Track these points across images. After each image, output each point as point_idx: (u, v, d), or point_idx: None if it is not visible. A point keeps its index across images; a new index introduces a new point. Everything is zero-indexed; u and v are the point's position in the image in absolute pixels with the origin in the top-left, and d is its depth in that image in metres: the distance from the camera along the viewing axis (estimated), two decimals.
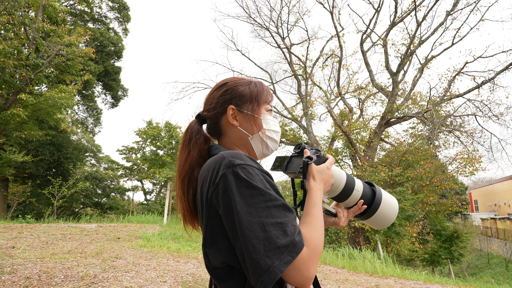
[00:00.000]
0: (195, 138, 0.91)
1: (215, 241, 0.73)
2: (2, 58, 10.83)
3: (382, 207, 1.04)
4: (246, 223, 0.66)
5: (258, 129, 0.92)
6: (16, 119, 11.93)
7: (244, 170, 0.71)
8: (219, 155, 0.76)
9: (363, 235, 12.02)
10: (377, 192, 1.04)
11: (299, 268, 0.66)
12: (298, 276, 0.66)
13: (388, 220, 1.06)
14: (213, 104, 0.93)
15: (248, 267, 0.65)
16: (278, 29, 15.76)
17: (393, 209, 1.07)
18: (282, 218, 0.67)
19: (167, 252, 5.86)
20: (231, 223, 0.68)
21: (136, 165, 22.55)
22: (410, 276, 6.99)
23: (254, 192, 0.68)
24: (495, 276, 16.31)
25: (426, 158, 12.62)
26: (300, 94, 15.48)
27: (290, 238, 0.65)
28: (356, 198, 1.01)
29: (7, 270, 3.75)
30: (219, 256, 0.72)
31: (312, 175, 0.88)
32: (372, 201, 1.03)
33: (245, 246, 0.65)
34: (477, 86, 13.51)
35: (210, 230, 0.73)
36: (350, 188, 1.00)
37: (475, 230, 19.78)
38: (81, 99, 20.52)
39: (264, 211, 0.67)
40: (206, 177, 0.75)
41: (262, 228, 0.65)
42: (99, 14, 20.49)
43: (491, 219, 26.46)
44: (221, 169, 0.71)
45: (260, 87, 0.96)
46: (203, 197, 0.75)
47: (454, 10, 13.43)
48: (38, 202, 18.35)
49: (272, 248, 0.64)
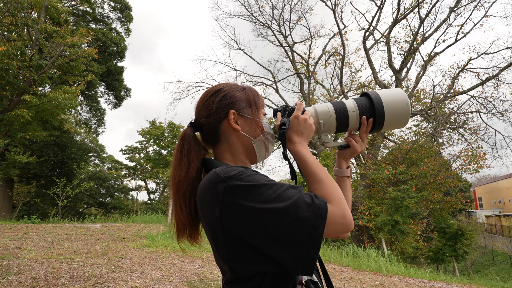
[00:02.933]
0: (195, 148, 0.88)
1: (239, 254, 0.72)
2: (6, 59, 10.89)
3: (387, 108, 0.96)
4: (270, 218, 0.67)
5: (260, 133, 0.93)
6: (20, 120, 12.00)
7: (241, 177, 0.72)
8: (211, 174, 0.75)
9: (367, 233, 12.00)
10: (374, 98, 0.96)
11: (336, 222, 0.70)
12: (338, 228, 0.70)
13: (404, 113, 0.97)
14: (213, 109, 0.90)
15: (290, 254, 0.67)
16: (280, 27, 15.75)
17: (401, 100, 0.97)
18: (296, 195, 0.69)
19: (172, 252, 5.89)
20: (254, 228, 0.68)
21: (140, 165, 22.63)
22: (414, 274, 6.98)
23: (260, 190, 0.69)
24: (500, 273, 16.25)
25: (430, 155, 12.57)
26: (303, 92, 15.46)
27: (312, 206, 0.68)
28: (356, 118, 0.97)
29: (14, 270, 3.78)
30: (247, 266, 0.72)
31: (290, 140, 0.90)
32: (374, 110, 0.96)
33: (279, 238, 0.67)
34: (481, 83, 13.43)
35: (231, 246, 0.72)
36: (343, 114, 0.97)
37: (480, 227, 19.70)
38: (84, 100, 20.61)
39: (278, 199, 0.68)
40: (205, 198, 0.75)
41: (286, 213, 0.67)
42: (101, 14, 20.53)
43: (496, 216, 26.35)
44: (219, 186, 0.71)
45: (255, 93, 0.97)
46: (210, 218, 0.74)
47: (458, 6, 13.36)
48: (43, 202, 18.47)
49: (304, 224, 0.66)
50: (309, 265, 0.67)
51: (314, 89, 16.09)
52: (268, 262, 0.70)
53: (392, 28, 14.34)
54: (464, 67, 13.80)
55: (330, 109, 0.97)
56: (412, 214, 10.97)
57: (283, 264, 0.68)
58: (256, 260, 0.71)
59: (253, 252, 0.71)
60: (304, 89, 15.49)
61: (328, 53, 16.12)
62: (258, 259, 0.71)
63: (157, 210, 15.85)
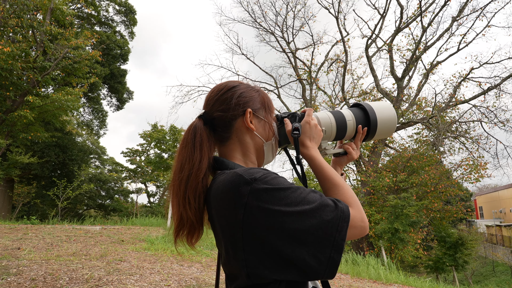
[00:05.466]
0: (206, 143, 0.83)
1: (259, 260, 0.70)
2: (10, 60, 10.96)
3: (380, 119, 1.03)
4: (296, 221, 0.67)
5: (271, 136, 0.92)
6: (23, 120, 12.05)
7: (266, 179, 0.70)
8: (232, 175, 0.73)
9: (367, 241, 11.95)
10: (368, 109, 1.03)
11: (356, 225, 0.72)
12: (357, 232, 0.73)
13: (392, 124, 1.05)
14: (232, 104, 0.86)
15: (313, 257, 0.67)
16: (283, 33, 15.84)
17: (390, 112, 1.05)
18: (320, 198, 0.70)
19: (171, 255, 5.87)
20: (278, 231, 0.67)
21: (140, 168, 22.64)
22: (414, 283, 6.94)
23: (286, 193, 0.69)
24: (500, 284, 16.13)
25: (431, 164, 12.56)
26: (305, 98, 15.49)
27: (336, 209, 0.69)
28: (353, 127, 1.02)
29: (13, 271, 3.78)
30: (266, 273, 0.70)
31: (303, 145, 0.91)
32: (368, 119, 1.02)
33: (303, 240, 0.66)
34: (483, 92, 13.45)
35: (251, 251, 0.70)
36: (343, 123, 1.01)
37: (480, 237, 19.62)
38: (86, 102, 20.70)
39: (304, 203, 0.68)
40: (225, 199, 0.72)
41: (311, 216, 0.67)
42: (106, 17, 20.70)
43: (496, 226, 26.21)
44: (243, 188, 0.69)
45: (268, 96, 0.96)
46: (229, 221, 0.71)
47: (460, 16, 13.42)
48: (42, 203, 18.46)
49: (329, 227, 0.67)
50: (332, 268, 0.68)
51: (316, 96, 16.13)
52: (289, 269, 0.68)
53: (394, 36, 14.42)
54: (466, 76, 13.84)
55: (330, 117, 1.00)
56: (412, 222, 10.93)
57: (304, 268, 0.67)
58: (276, 267, 0.69)
59: (273, 258, 0.69)
60: (306, 95, 15.53)
61: (330, 60, 16.18)
62: (279, 266, 0.69)
63: (156, 213, 15.85)
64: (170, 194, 0.84)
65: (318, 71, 15.97)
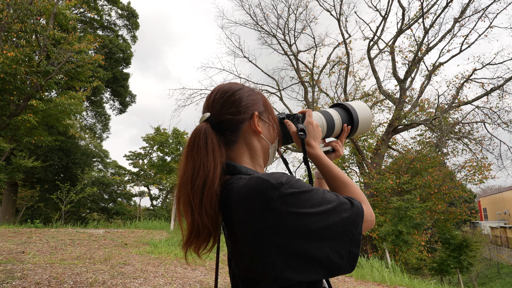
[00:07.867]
0: (218, 147, 0.81)
1: (286, 263, 0.70)
2: (14, 65, 11.04)
3: (360, 117, 1.12)
4: (320, 221, 0.69)
5: (275, 138, 0.93)
6: (26, 124, 12.12)
7: (291, 183, 0.71)
8: (256, 179, 0.72)
9: (371, 243, 11.90)
10: (351, 109, 1.11)
11: (367, 220, 0.77)
12: (368, 225, 0.78)
13: (369, 122, 1.15)
14: (242, 106, 0.85)
15: (336, 253, 0.69)
16: (285, 36, 15.86)
17: (368, 111, 1.14)
18: (336, 197, 0.74)
19: (175, 258, 5.87)
20: (306, 233, 0.68)
21: (143, 171, 22.69)
22: (418, 285, 6.90)
23: (309, 194, 0.71)
24: (506, 286, 16.00)
25: (434, 165, 12.51)
26: (307, 100, 15.50)
27: (353, 207, 0.73)
28: (339, 125, 1.09)
29: (17, 275, 3.79)
30: (292, 275, 0.70)
31: (309, 145, 0.94)
32: (352, 118, 1.11)
33: (326, 238, 0.69)
34: (486, 93, 13.40)
35: (278, 255, 0.69)
36: (331, 122, 1.07)
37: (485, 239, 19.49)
38: (89, 105, 20.80)
39: (325, 202, 0.71)
40: (251, 204, 0.71)
41: (333, 214, 0.70)
42: (108, 21, 20.83)
43: (501, 228, 26.03)
44: (271, 192, 0.69)
45: (267, 100, 0.96)
46: (255, 226, 0.70)
47: (462, 17, 13.40)
48: (46, 207, 18.53)
49: (347, 223, 0.71)
50: (352, 261, 0.71)
51: (318, 98, 16.13)
52: (313, 268, 0.69)
53: (396, 38, 14.41)
54: (468, 77, 13.80)
55: (321, 117, 1.06)
56: (416, 224, 10.87)
57: (328, 265, 0.69)
58: (302, 268, 0.69)
59: (300, 260, 0.69)
60: (308, 97, 15.53)
61: (332, 62, 16.19)
62: (304, 267, 0.69)
63: (159, 216, 15.85)
64: (181, 202, 0.80)
65: (320, 73, 15.97)
